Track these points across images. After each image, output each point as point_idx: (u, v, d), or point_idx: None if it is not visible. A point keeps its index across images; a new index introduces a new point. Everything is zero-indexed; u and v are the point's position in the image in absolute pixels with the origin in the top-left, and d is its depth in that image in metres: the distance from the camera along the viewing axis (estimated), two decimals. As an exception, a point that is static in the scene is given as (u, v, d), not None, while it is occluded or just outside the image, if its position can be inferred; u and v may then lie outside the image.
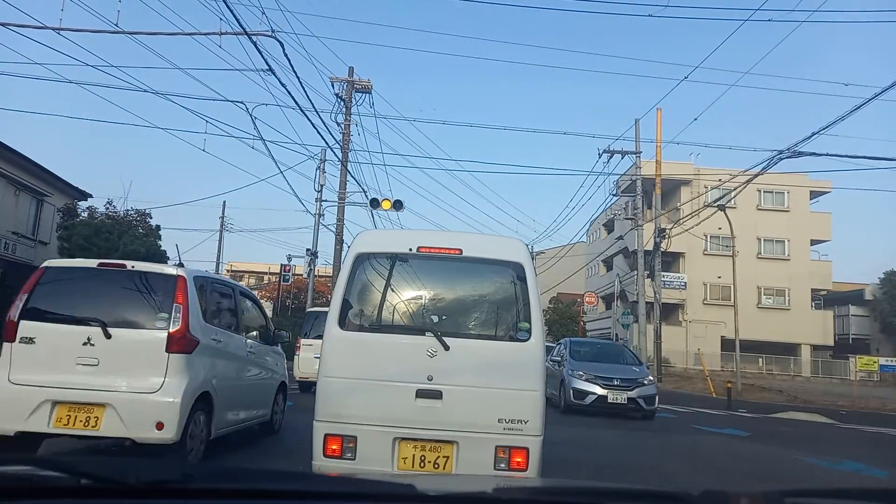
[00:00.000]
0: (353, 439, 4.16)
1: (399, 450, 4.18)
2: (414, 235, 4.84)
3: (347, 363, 4.36)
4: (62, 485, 1.28)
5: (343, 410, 4.22)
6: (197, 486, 1.31)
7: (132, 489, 1.26)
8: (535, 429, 4.23)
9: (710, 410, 17.87)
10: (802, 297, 37.22)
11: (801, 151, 16.07)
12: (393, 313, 4.56)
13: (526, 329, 4.42)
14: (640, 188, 29.88)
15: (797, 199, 37.56)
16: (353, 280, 4.51)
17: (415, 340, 4.33)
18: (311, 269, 20.88)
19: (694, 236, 33.95)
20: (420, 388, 4.22)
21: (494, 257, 4.65)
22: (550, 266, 53.15)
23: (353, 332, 4.42)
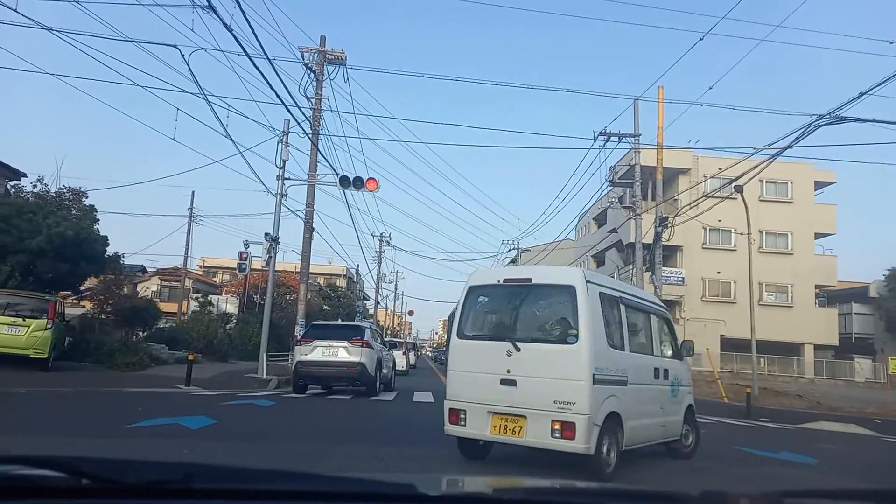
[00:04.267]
0: (463, 412, 6.28)
1: (491, 420, 6.09)
2: (502, 272, 7.49)
3: (461, 361, 6.55)
4: (62, 485, 1.26)
5: (457, 393, 6.42)
6: (197, 485, 1.31)
7: (132, 489, 1.26)
8: (582, 409, 5.69)
9: (732, 420, 15.46)
10: (806, 294, 35.15)
11: (844, 117, 13.69)
12: (487, 326, 6.71)
13: (574, 335, 5.93)
14: (638, 174, 27.48)
15: (801, 190, 35.48)
16: (466, 304, 6.72)
17: (498, 345, 6.25)
18: (270, 256, 18.15)
19: (701, 223, 31.70)
20: (502, 378, 6.11)
21: (554, 282, 6.43)
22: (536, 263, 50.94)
23: (464, 340, 6.63)
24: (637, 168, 27.61)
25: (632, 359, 6.62)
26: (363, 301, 73.12)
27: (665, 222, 25.79)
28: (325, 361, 14.21)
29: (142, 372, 16.99)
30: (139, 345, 19.41)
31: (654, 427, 7.02)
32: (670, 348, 7.90)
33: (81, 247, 17.00)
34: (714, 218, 35.67)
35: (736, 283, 34.66)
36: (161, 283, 54.46)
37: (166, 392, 13.32)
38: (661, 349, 7.53)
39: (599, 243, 39.06)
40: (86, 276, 18.92)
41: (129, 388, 13.14)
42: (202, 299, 29.66)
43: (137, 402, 10.87)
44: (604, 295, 6.34)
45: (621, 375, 6.27)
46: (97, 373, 16.00)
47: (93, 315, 20.55)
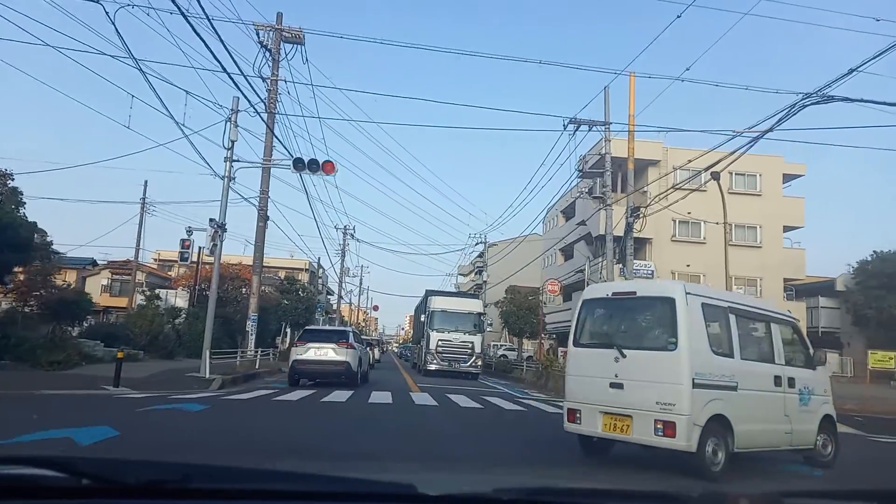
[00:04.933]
0: (579, 412, 7.03)
1: (602, 419, 6.77)
2: (611, 286, 8.36)
3: (576, 366, 7.33)
4: (62, 485, 1.26)
5: (574, 395, 7.22)
6: (196, 485, 1.30)
7: (132, 489, 1.27)
8: (682, 410, 6.22)
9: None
10: (775, 288, 34.79)
11: (832, 96, 12.78)
12: (597, 335, 7.45)
13: (674, 342, 6.50)
14: (609, 163, 26.56)
15: (770, 182, 35.10)
16: (580, 315, 7.55)
17: (607, 352, 6.92)
18: (216, 245, 16.58)
19: (673, 211, 30.95)
20: (611, 381, 6.76)
21: (656, 294, 7.12)
22: (503, 257, 50.09)
23: (579, 348, 7.41)
24: (607, 157, 26.70)
25: (744, 366, 6.91)
26: (326, 296, 71.41)
27: (637, 212, 24.91)
28: (316, 360, 16.69)
29: (69, 371, 15.33)
30: (68, 341, 17.64)
31: (775, 434, 7.26)
32: (800, 357, 7.98)
33: (6, 233, 15.24)
34: (683, 210, 35.12)
35: (705, 276, 34.10)
36: (112, 277, 51.88)
37: (87, 395, 11.76)
38: (785, 358, 7.62)
39: (568, 235, 38.18)
40: (10, 265, 17.10)
41: (45, 391, 11.55)
42: (149, 293, 27.76)
43: (42, 408, 9.34)
44: (707, 305, 6.82)
45: (729, 381, 6.65)
46: (17, 372, 14.31)
47: (16, 308, 18.66)
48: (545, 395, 20.12)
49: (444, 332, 26.41)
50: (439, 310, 27.01)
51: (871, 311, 33.72)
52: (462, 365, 25.97)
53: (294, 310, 31.31)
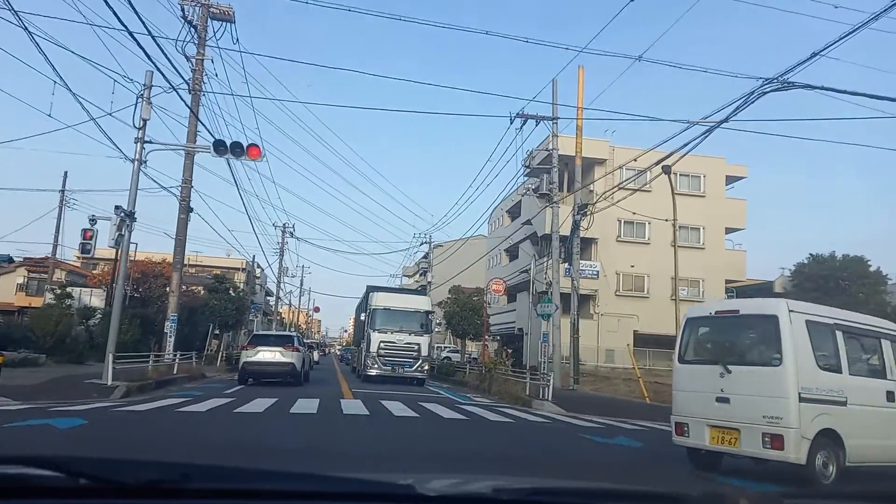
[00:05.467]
0: (686, 425, 7.36)
1: (709, 432, 7.09)
2: (714, 305, 8.58)
3: (682, 382, 7.65)
4: (60, 485, 1.26)
5: (681, 409, 7.51)
6: (195, 485, 1.30)
7: (130, 489, 1.26)
8: (789, 423, 6.48)
9: (662, 425, 13.66)
10: (717, 289, 34.89)
11: (793, 82, 12.12)
12: (702, 351, 7.77)
13: (778, 358, 6.77)
14: (556, 159, 25.77)
15: (713, 184, 35.24)
16: (685, 333, 7.86)
17: (712, 368, 7.23)
18: (122, 235, 14.75)
19: (621, 207, 30.42)
20: (717, 396, 7.08)
21: (759, 312, 7.33)
22: (447, 258, 49.03)
23: (685, 364, 7.74)
24: (555, 153, 25.90)
25: (853, 381, 7.10)
26: (265, 297, 68.73)
27: (584, 210, 24.19)
28: (266, 361, 18.69)
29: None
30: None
31: (891, 449, 7.30)
32: None
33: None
34: (629, 210, 34.84)
35: (650, 276, 33.92)
36: (28, 276, 48.14)
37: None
38: None
39: (513, 234, 37.39)
40: None
41: None
42: (59, 291, 25.28)
43: None
44: (812, 322, 7.03)
45: (837, 396, 6.86)
46: None
47: None
48: (488, 399, 19.02)
49: (387, 332, 23.69)
50: (382, 308, 24.19)
51: (807, 313, 34.19)
52: (407, 369, 23.35)
53: (223, 310, 29.24)
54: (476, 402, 17.61)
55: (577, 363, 23.36)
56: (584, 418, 14.17)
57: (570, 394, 21.22)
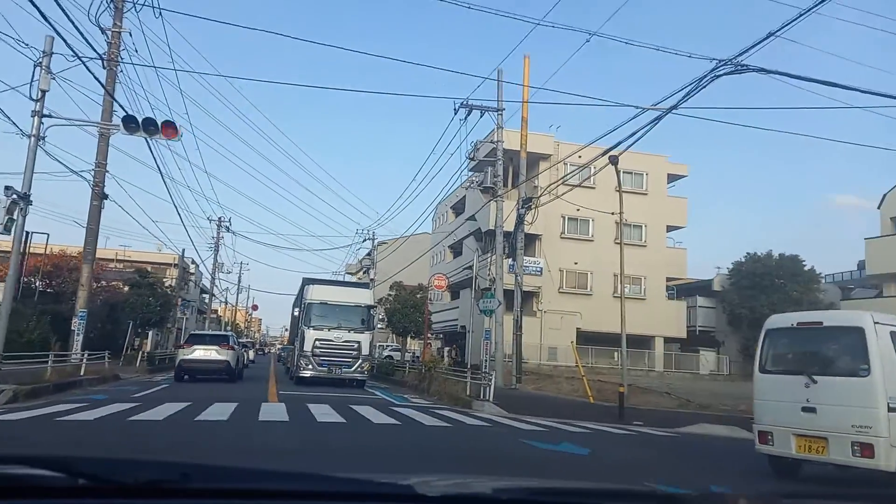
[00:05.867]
0: (770, 434, 7.49)
1: (795, 441, 7.24)
2: (795, 316, 8.59)
3: (764, 392, 7.77)
4: (59, 484, 1.25)
5: (764, 418, 7.66)
6: (194, 485, 1.31)
7: (130, 489, 1.26)
8: (879, 432, 6.69)
9: (608, 426, 12.95)
10: (658, 287, 35.00)
11: (746, 65, 11.57)
12: (784, 362, 7.93)
13: (866, 369, 6.95)
14: (500, 151, 24.98)
15: (655, 181, 35.29)
16: (765, 344, 7.96)
17: (796, 378, 7.40)
18: (12, 220, 13.01)
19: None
20: (803, 406, 7.23)
21: (844, 324, 7.63)
22: (390, 255, 47.80)
23: (766, 374, 7.89)
24: (500, 145, 25.10)
25: None
26: (200, 294, 65.81)
27: (529, 203, 23.49)
28: (202, 359, 19.96)
29: None
30: None
31: None
32: None
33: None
34: (573, 207, 34.50)
35: (593, 274, 33.66)
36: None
37: None
38: None
39: (457, 230, 36.56)
40: None
41: None
42: (-46, 285, 22.76)
43: None
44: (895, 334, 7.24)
45: None
46: None
47: None
48: (427, 400, 18.01)
49: (324, 329, 21.37)
50: (318, 302, 21.87)
51: (744, 311, 34.65)
52: (345, 370, 21.10)
53: (146, 306, 27.21)
54: (413, 403, 16.57)
55: (519, 361, 22.64)
56: (527, 420, 13.34)
57: (512, 393, 20.45)
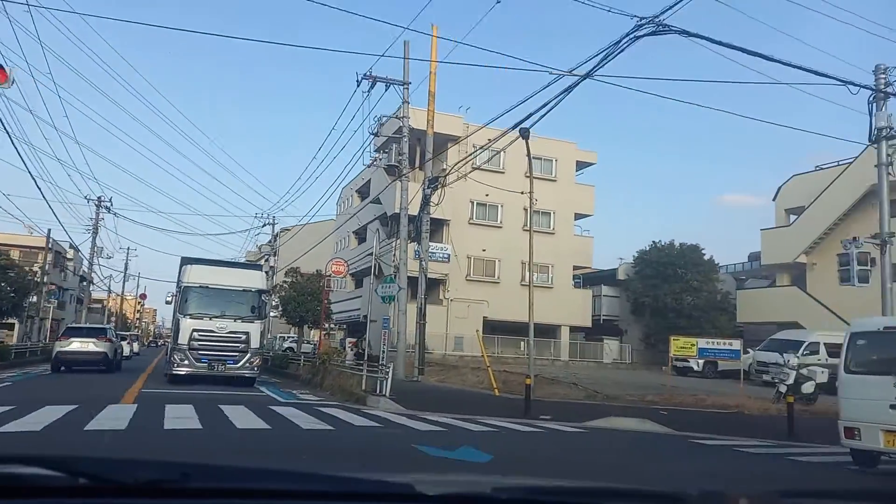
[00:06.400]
0: (857, 430, 8.09)
1: (883, 436, 7.77)
2: (881, 321, 9.52)
3: (850, 390, 8.39)
4: (59, 484, 1.25)
5: (850, 415, 8.25)
6: (195, 485, 1.30)
7: (130, 488, 1.26)
8: None
9: (512, 422, 11.69)
10: (565, 275, 34.66)
11: (668, 25, 10.55)
12: (869, 363, 8.52)
13: None
14: (406, 128, 23.36)
15: (564, 168, 34.84)
16: (850, 346, 8.59)
17: (883, 378, 7.99)
18: None
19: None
20: (891, 403, 7.75)
21: None
22: (290, 240, 45.20)
23: (851, 375, 8.49)
24: (405, 122, 23.47)
25: None
26: (80, 282, 60.07)
27: (435, 183, 22.03)
28: (79, 351, 20.77)
29: None
30: None
31: None
32: None
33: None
34: (482, 192, 33.47)
35: (501, 261, 32.79)
36: None
37: None
38: None
39: (361, 213, 34.63)
40: None
41: None
42: None
43: None
44: None
45: None
46: None
47: None
48: (317, 396, 16.25)
49: (204, 318, 18.19)
50: (197, 285, 18.54)
51: (647, 299, 34.97)
52: (231, 366, 17.92)
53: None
54: (300, 400, 14.76)
55: (422, 352, 21.22)
56: (425, 418, 11.89)
57: (413, 386, 19.01)
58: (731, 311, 34.17)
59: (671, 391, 16.51)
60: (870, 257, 12.26)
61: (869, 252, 12.25)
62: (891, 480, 8.38)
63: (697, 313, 33.48)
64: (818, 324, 28.14)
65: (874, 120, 12.63)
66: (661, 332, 32.77)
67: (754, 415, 14.43)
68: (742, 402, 15.43)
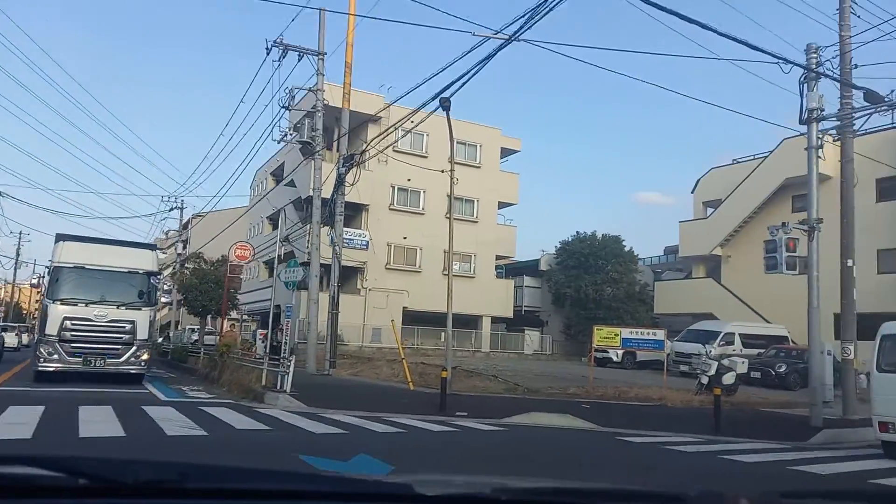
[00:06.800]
0: (891, 424, 9.00)
1: None
2: None
3: (882, 388, 9.40)
4: (59, 484, 1.24)
5: (884, 410, 9.22)
6: (194, 485, 1.30)
7: (129, 488, 1.25)
8: None
9: (425, 422, 10.46)
10: (488, 265, 33.84)
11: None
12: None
13: None
14: (322, 102, 21.65)
15: (489, 155, 33.91)
16: (881, 346, 9.66)
17: None
18: None
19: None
20: None
21: None
22: (207, 229, 42.28)
23: (883, 373, 9.51)
24: (320, 95, 21.76)
25: None
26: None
27: (351, 161, 20.49)
28: None
29: None
30: None
31: None
32: None
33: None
34: (403, 176, 32.09)
35: (422, 250, 31.56)
36: None
37: None
38: None
39: (268, 194, 32.50)
40: None
41: None
42: None
43: None
44: None
45: None
46: None
47: None
48: (211, 393, 14.49)
49: (79, 304, 15.19)
50: (71, 265, 15.44)
51: (569, 291, 34.70)
52: (112, 361, 15.09)
53: None
54: (187, 398, 13.01)
55: (334, 343, 19.69)
56: (327, 416, 10.52)
57: (322, 380, 17.53)
58: (650, 302, 34.40)
59: (593, 383, 15.78)
60: (798, 243, 11.80)
61: (797, 238, 11.79)
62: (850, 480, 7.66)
63: (617, 304, 33.49)
64: (732, 315, 28.59)
65: (805, 101, 12.17)
66: (582, 322, 32.60)
67: (678, 407, 13.88)
68: (664, 394, 14.89)
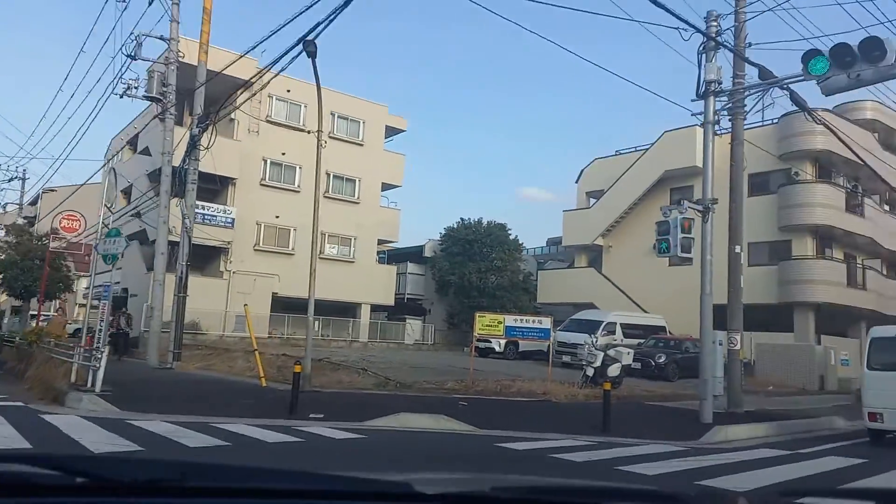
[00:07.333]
0: (880, 414, 10.25)
1: None
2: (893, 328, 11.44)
3: (874, 384, 10.61)
4: (58, 483, 1.24)
5: (873, 402, 10.45)
6: (193, 484, 1.29)
7: (128, 487, 1.25)
8: None
9: (265, 428, 8.39)
10: (369, 249, 31.80)
11: None
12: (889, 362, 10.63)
13: None
14: (175, 54, 18.65)
15: (373, 133, 31.79)
16: (871, 348, 11.05)
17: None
18: None
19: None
20: None
21: None
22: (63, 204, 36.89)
23: (873, 371, 10.78)
24: (173, 45, 18.74)
25: None
26: None
27: (206, 121, 17.71)
28: None
29: None
30: None
31: None
32: None
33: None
34: (277, 150, 29.30)
35: (297, 230, 28.96)
36: None
37: None
38: None
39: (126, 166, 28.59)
40: None
41: None
42: None
43: None
44: None
45: None
46: None
47: None
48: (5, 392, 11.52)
49: None
50: None
51: (453, 278, 33.51)
52: None
53: None
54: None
55: (180, 332, 16.92)
56: (134, 424, 8.24)
57: (160, 375, 14.93)
58: (533, 291, 33.93)
59: (473, 376, 14.33)
60: (693, 224, 10.87)
61: (693, 219, 10.86)
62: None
63: (501, 293, 32.71)
64: (611, 305, 28.52)
65: (703, 72, 11.26)
66: (465, 311, 31.48)
67: (562, 402, 12.70)
68: (549, 387, 13.72)
